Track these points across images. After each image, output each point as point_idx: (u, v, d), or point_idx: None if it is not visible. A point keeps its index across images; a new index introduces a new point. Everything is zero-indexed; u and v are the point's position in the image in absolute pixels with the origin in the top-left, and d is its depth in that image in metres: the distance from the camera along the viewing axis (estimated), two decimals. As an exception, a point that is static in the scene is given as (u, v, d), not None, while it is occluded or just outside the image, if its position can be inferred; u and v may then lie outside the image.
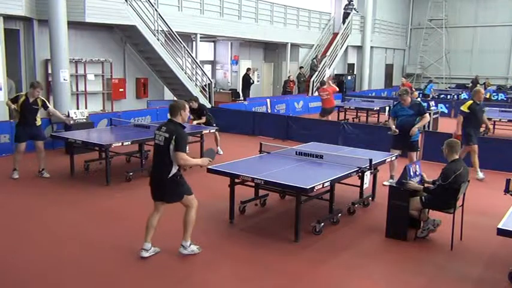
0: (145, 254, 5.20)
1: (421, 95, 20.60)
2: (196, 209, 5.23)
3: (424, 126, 11.45)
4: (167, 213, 5.35)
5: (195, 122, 10.59)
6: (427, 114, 8.37)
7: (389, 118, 8.82)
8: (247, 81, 19.43)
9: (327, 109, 14.20)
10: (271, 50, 22.72)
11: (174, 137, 4.85)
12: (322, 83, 15.07)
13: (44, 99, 8.66)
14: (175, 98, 16.62)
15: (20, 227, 6.22)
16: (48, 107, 8.70)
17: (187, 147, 5.30)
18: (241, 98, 19.26)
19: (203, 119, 10.59)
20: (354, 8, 24.01)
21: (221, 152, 10.59)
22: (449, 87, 26.90)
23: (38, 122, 8.62)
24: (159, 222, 5.25)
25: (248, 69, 19.60)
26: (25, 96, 8.36)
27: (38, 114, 8.56)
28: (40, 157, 8.63)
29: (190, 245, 5.26)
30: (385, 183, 7.92)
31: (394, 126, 8.22)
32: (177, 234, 5.37)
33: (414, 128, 7.98)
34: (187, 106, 5.16)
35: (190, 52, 16.02)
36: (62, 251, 5.48)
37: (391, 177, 8.17)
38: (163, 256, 5.30)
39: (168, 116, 5.15)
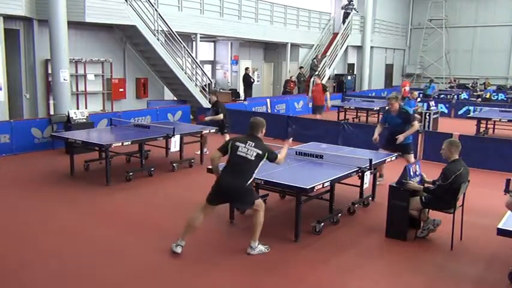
0: (179, 250, 5.33)
1: (421, 95, 20.61)
2: (263, 211, 5.46)
3: (423, 126, 11.43)
4: (169, 214, 5.35)
5: (207, 118, 10.52)
6: (416, 123, 8.10)
7: (378, 124, 8.69)
8: (247, 80, 19.42)
9: (315, 106, 14.74)
10: (271, 50, 22.72)
11: (266, 155, 5.31)
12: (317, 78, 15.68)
13: None
14: (175, 98, 16.65)
15: (19, 226, 6.22)
16: None
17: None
18: (242, 98, 19.26)
19: (219, 116, 10.39)
20: (354, 8, 24.00)
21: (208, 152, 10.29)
22: (449, 88, 26.90)
23: None
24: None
25: (247, 69, 19.61)
26: None
27: None
28: None
29: (258, 245, 5.44)
30: (378, 182, 7.90)
31: (377, 134, 8.19)
32: (179, 234, 5.37)
33: (400, 136, 7.82)
34: (264, 124, 5.51)
35: (190, 52, 16.02)
36: (62, 250, 5.47)
37: (380, 175, 8.23)
38: (164, 256, 5.30)
39: (250, 131, 5.43)
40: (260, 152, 5.30)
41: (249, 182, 5.30)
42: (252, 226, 5.46)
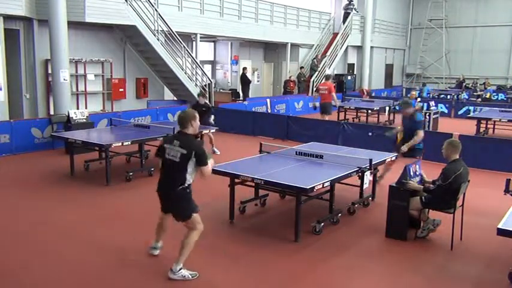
0: (155, 252, 5.30)
1: (418, 94, 20.58)
2: (199, 233, 4.83)
3: (423, 126, 11.29)
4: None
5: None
6: (420, 132, 7.79)
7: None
8: (245, 80, 19.43)
9: (322, 105, 13.71)
10: (271, 50, 22.71)
11: (193, 153, 4.58)
12: (327, 77, 15.00)
13: None
14: (175, 98, 16.65)
15: (19, 226, 6.22)
16: None
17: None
18: (241, 97, 19.26)
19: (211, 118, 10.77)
20: (354, 8, 24.00)
21: (218, 152, 10.59)
22: (449, 87, 26.91)
23: None
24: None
25: (244, 69, 19.63)
26: None
27: None
28: None
29: (181, 269, 4.77)
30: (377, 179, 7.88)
31: (395, 131, 8.16)
32: (179, 234, 5.36)
33: (403, 147, 7.70)
34: (197, 115, 4.85)
35: (190, 52, 16.01)
36: (61, 250, 5.48)
37: (380, 176, 8.23)
38: (163, 256, 5.30)
39: (178, 128, 4.85)
40: (185, 151, 4.59)
41: (179, 188, 4.65)
42: (180, 245, 4.76)
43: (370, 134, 11.51)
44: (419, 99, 16.59)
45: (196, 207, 4.84)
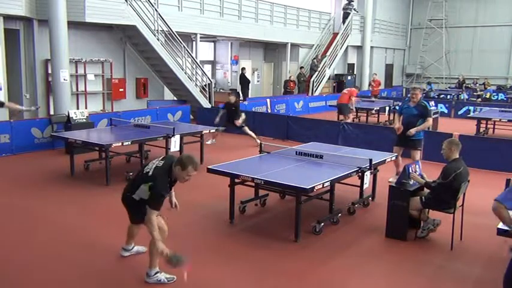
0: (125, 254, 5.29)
1: (423, 94, 20.54)
2: (158, 237, 4.42)
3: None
4: (169, 214, 5.33)
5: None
6: (431, 119, 8.27)
7: (394, 114, 8.76)
8: (244, 80, 19.43)
9: (337, 105, 15.41)
10: (271, 50, 22.72)
11: (150, 185, 4.39)
12: (355, 86, 17.25)
13: None
14: (175, 98, 16.65)
15: (19, 226, 6.22)
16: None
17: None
18: (241, 98, 19.26)
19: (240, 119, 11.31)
20: (354, 8, 23.99)
21: (209, 142, 11.08)
22: (448, 87, 26.92)
23: None
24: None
25: (243, 69, 19.64)
26: None
27: None
28: None
29: (156, 273, 4.69)
30: (391, 179, 7.90)
31: (398, 123, 8.22)
32: (179, 234, 5.36)
33: (412, 129, 7.94)
34: (190, 168, 4.38)
35: (190, 52, 16.02)
36: (61, 250, 5.47)
37: (397, 173, 8.18)
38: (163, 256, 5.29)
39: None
40: (151, 173, 4.45)
41: (127, 193, 4.69)
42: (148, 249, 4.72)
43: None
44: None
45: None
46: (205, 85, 16.27)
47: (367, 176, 6.72)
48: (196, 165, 4.44)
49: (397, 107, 9.70)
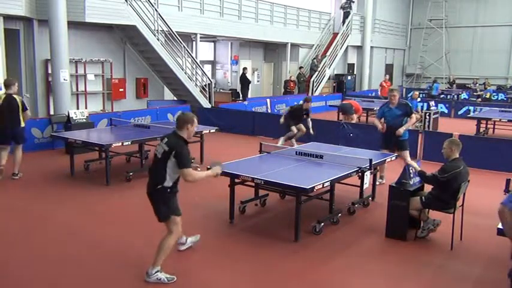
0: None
1: (423, 95, 20.60)
2: (176, 237, 4.85)
3: (423, 126, 11.37)
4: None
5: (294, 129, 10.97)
6: (414, 115, 8.21)
7: (375, 118, 8.70)
8: (245, 80, 19.43)
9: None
10: (271, 50, 22.71)
11: (173, 153, 4.50)
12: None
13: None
14: (175, 98, 16.65)
15: (19, 226, 6.22)
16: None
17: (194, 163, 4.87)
18: (241, 97, 19.27)
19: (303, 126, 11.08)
20: (350, 7, 23.92)
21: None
22: (448, 87, 26.91)
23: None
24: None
25: (244, 69, 19.65)
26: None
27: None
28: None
29: (156, 272, 4.68)
30: (377, 183, 7.91)
31: (380, 125, 8.16)
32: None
33: (400, 129, 7.85)
34: (195, 120, 4.74)
35: (190, 52, 16.01)
36: (61, 250, 5.48)
37: (381, 177, 8.28)
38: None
39: (174, 128, 4.77)
40: (167, 148, 4.55)
41: (159, 186, 4.60)
42: (157, 248, 4.72)
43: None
44: (419, 99, 16.60)
45: (176, 211, 4.76)
46: (205, 85, 16.26)
47: (367, 176, 6.73)
48: (194, 115, 4.82)
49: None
